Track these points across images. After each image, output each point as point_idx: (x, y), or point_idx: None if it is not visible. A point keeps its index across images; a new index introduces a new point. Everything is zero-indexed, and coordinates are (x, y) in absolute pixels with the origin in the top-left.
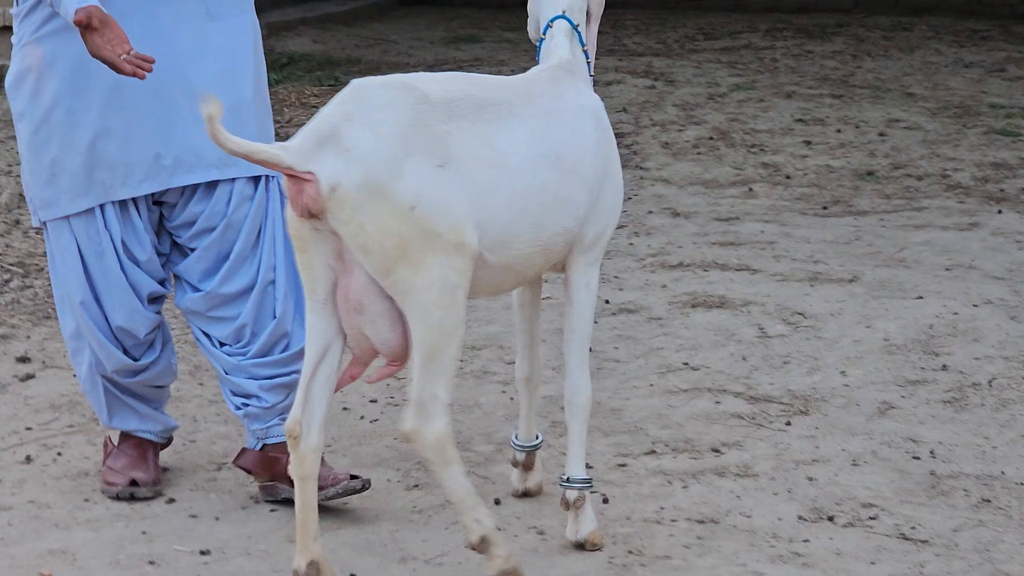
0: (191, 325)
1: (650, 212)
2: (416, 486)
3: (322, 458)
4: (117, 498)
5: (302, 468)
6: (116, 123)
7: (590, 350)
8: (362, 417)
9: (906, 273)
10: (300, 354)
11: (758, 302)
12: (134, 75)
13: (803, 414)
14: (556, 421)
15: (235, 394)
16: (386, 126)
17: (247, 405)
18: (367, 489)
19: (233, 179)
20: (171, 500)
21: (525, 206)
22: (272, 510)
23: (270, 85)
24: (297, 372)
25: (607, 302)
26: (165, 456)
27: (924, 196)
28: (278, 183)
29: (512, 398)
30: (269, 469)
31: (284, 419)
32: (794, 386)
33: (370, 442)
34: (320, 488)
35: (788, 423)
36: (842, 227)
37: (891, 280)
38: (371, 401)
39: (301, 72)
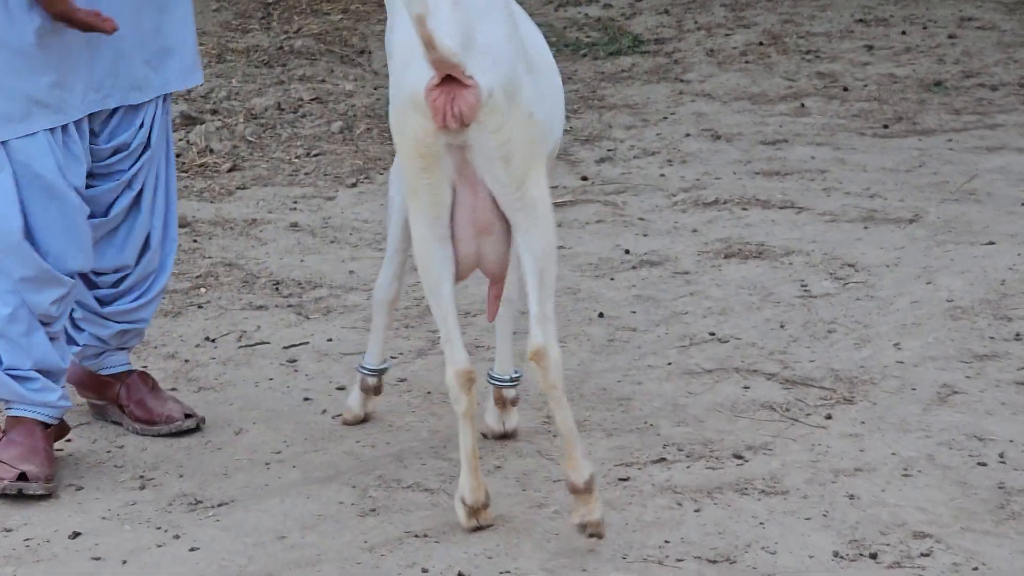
0: None
1: (687, 135)
2: (373, 511)
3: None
4: (2, 493)
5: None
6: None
7: (600, 315)
8: (324, 411)
9: (975, 210)
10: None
11: (802, 250)
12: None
13: (847, 402)
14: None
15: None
16: (502, 25)
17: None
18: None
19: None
20: (76, 534)
21: (558, 107)
22: (191, 549)
23: None
24: (142, 322)
25: (627, 252)
26: (82, 465)
27: (999, 110)
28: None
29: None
30: (101, 392)
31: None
32: (839, 364)
33: (327, 447)
34: (152, 423)
35: (828, 416)
36: (904, 150)
37: (958, 219)
38: (338, 389)
39: None
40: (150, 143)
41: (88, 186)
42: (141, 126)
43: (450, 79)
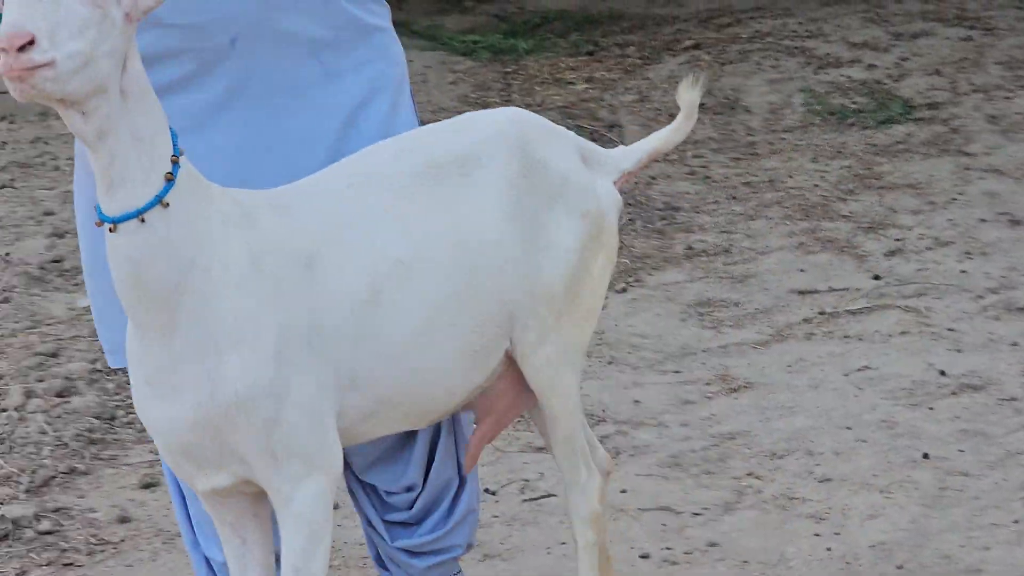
0: None
1: (982, 220)
2: None
3: None
4: None
5: None
6: None
7: (924, 456)
8: None
9: None
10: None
11: None
12: None
13: None
14: None
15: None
16: None
17: None
18: None
19: None
20: None
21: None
22: None
23: (520, 56)
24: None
25: (942, 373)
26: None
27: None
28: None
29: None
30: None
31: None
32: None
33: None
34: None
35: None
36: None
37: None
38: (642, 557)
39: (555, 36)
40: None
41: None
42: None
43: None
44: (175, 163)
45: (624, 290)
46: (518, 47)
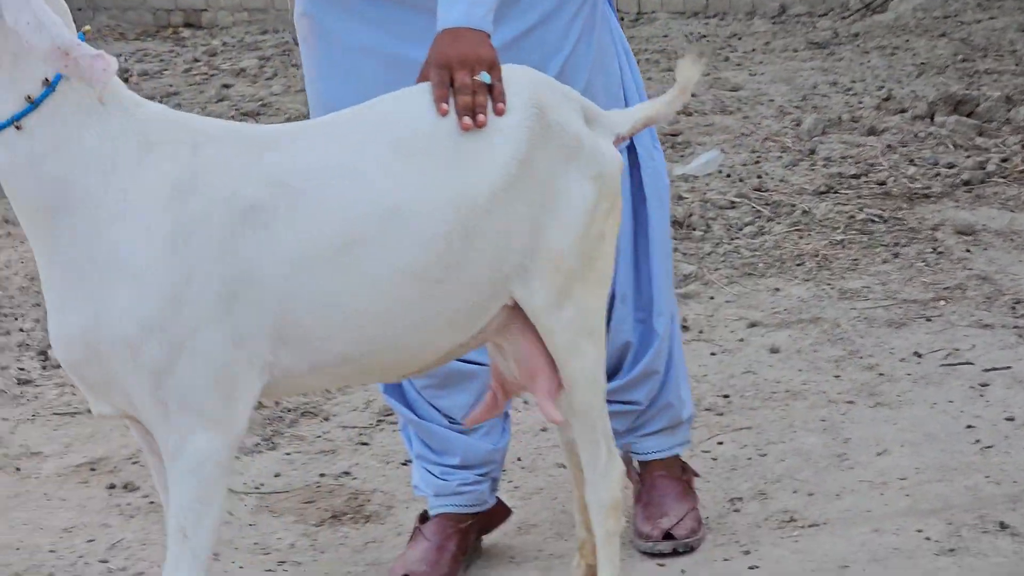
0: None
1: None
2: (951, 551)
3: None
4: None
5: None
6: None
7: None
8: (977, 441)
9: None
10: (643, 378)
11: None
12: None
13: None
14: None
15: None
16: None
17: None
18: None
19: None
20: None
21: None
22: (751, 567)
23: None
24: (635, 403)
25: None
26: None
27: None
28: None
29: None
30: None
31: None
32: None
33: (953, 478)
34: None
35: None
36: None
37: None
38: (1007, 419)
39: None
40: None
41: None
42: None
43: None
44: (48, 85)
45: None
46: None
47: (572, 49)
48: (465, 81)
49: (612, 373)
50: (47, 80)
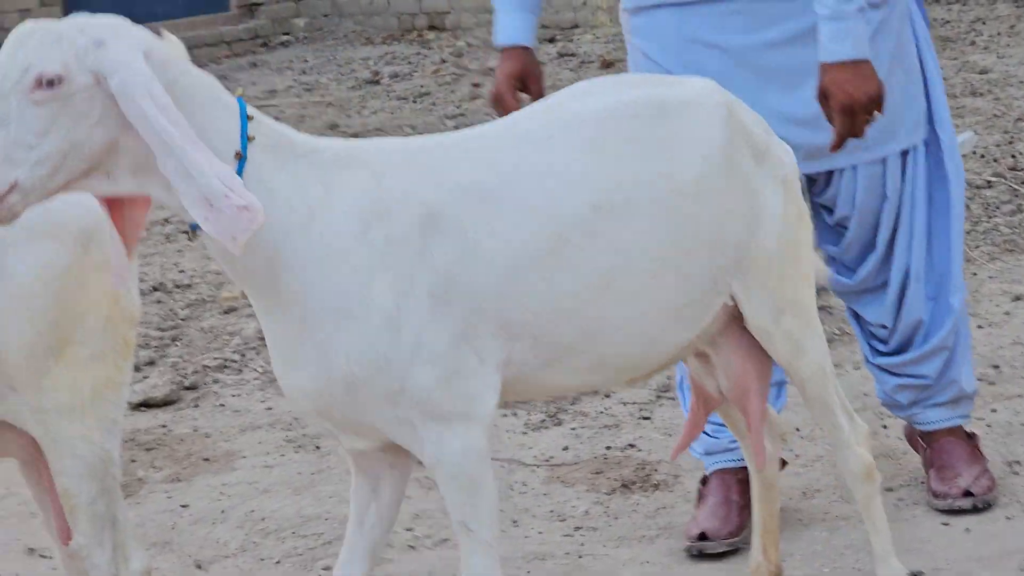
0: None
1: None
2: None
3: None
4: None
5: None
6: None
7: None
8: None
9: None
10: (932, 353)
11: None
12: None
13: None
14: None
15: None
16: None
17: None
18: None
19: (854, 166)
20: None
21: None
22: None
23: None
24: (923, 377)
25: None
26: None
27: None
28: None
29: None
30: (915, 447)
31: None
32: None
33: None
34: (936, 495)
35: None
36: None
37: None
38: None
39: None
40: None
41: None
42: None
43: None
44: (240, 157)
45: None
46: None
47: (870, 39)
48: (863, 127)
49: (902, 348)
50: (238, 153)
